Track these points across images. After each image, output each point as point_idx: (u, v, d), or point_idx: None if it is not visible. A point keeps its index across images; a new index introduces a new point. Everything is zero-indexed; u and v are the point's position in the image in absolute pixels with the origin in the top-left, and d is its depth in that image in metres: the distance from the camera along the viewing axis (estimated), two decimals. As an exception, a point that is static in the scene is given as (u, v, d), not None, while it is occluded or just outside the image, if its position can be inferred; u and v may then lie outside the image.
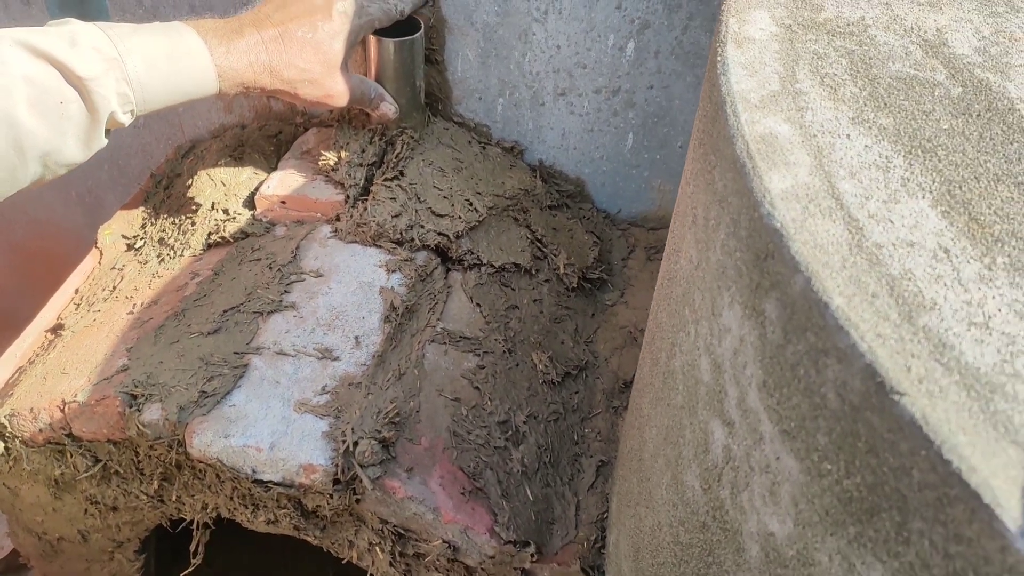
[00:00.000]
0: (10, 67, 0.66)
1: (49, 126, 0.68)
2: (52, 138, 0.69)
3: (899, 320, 0.30)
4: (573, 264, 0.97)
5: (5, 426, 0.80)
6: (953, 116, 0.40)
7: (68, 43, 0.69)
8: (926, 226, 0.34)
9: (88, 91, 0.69)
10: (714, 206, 0.42)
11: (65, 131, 0.70)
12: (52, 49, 0.68)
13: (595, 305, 0.99)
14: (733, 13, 0.48)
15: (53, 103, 0.68)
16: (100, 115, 0.71)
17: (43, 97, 0.67)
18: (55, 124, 0.69)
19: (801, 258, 0.32)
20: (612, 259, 1.04)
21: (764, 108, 0.40)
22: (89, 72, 0.69)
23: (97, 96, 0.70)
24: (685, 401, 0.47)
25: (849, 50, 0.45)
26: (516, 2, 0.93)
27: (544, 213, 1.02)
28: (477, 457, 0.77)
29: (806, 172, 0.36)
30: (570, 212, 1.06)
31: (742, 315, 0.38)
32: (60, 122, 0.69)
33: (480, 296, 0.90)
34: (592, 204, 1.08)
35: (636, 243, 1.07)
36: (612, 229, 1.08)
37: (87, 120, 0.71)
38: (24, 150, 0.68)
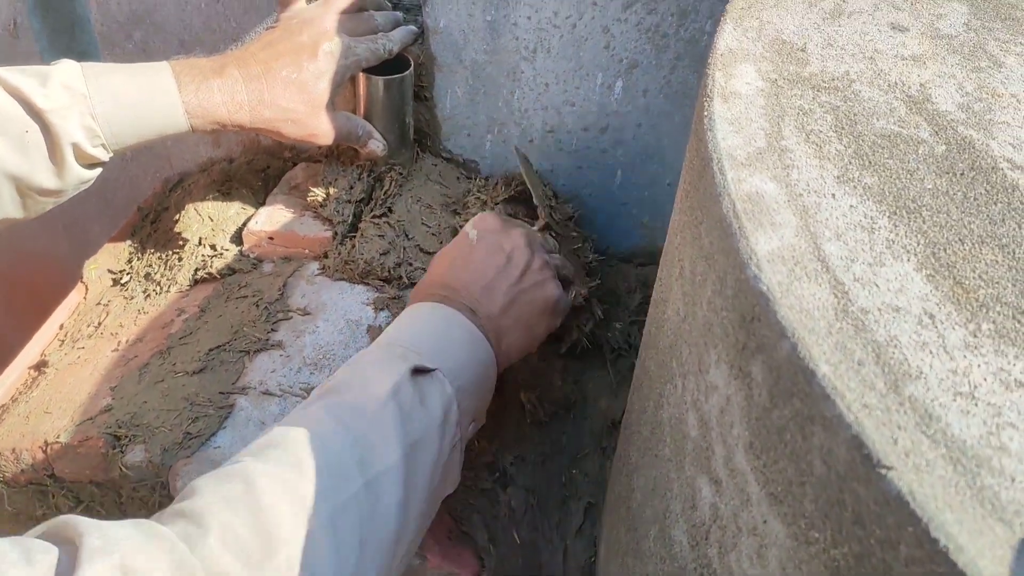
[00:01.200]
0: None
1: (16, 152, 0.73)
2: (20, 163, 0.74)
3: (885, 389, 0.30)
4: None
5: (-14, 467, 0.80)
6: (937, 175, 0.40)
7: (39, 80, 0.74)
8: (911, 290, 0.34)
9: (48, 123, 0.73)
10: (700, 262, 0.42)
11: (33, 158, 0.74)
12: (19, 84, 0.72)
13: (583, 342, 0.99)
14: (720, 67, 0.48)
15: (18, 131, 0.73)
16: (62, 146, 0.75)
17: (8, 126, 0.72)
18: (22, 150, 0.74)
19: (787, 323, 0.32)
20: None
21: (750, 166, 0.40)
22: (49, 105, 0.73)
23: (57, 128, 0.74)
24: (673, 454, 0.47)
25: (834, 106, 0.45)
26: (505, 41, 0.94)
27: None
28: (464, 500, 0.77)
29: (792, 233, 0.37)
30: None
31: (728, 374, 0.38)
32: (27, 149, 0.74)
33: (468, 334, 0.90)
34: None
35: (624, 279, 1.07)
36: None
37: (51, 149, 0.75)
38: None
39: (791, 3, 0.55)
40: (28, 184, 0.76)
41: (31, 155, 0.74)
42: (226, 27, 1.02)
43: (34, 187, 0.76)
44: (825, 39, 0.51)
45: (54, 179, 0.77)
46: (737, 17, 0.53)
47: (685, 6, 0.86)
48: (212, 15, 1.01)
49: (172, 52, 1.06)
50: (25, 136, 0.73)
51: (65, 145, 0.75)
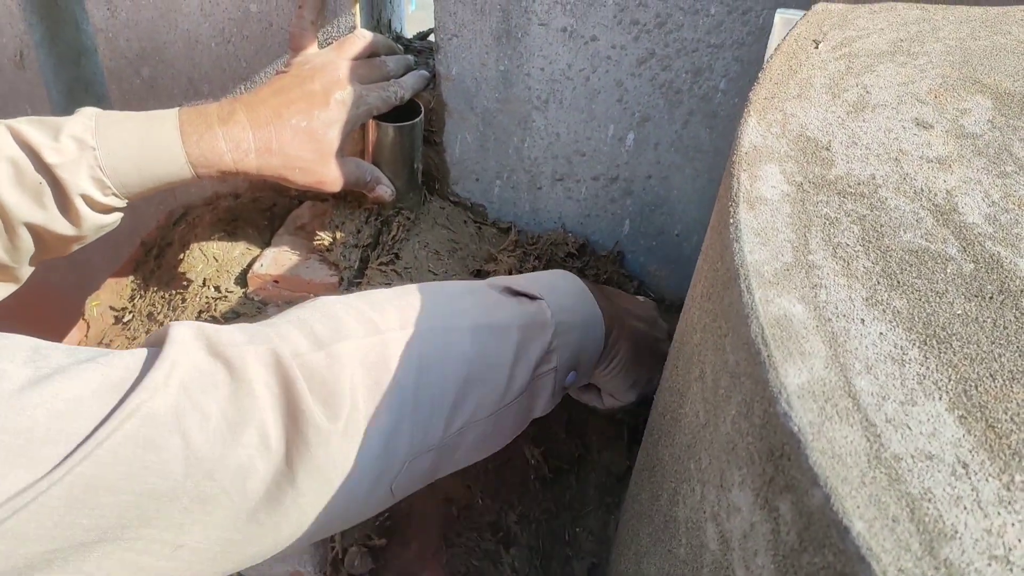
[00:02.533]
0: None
1: (32, 202, 0.75)
2: (36, 212, 0.76)
3: (921, 552, 0.30)
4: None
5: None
6: (966, 299, 0.40)
7: (51, 134, 0.76)
8: (944, 435, 0.34)
9: (56, 177, 0.75)
10: (725, 376, 0.42)
11: (47, 207, 0.76)
12: (31, 138, 0.74)
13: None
14: (744, 167, 0.48)
15: (32, 183, 0.75)
16: (72, 197, 0.77)
17: (22, 177, 0.74)
18: (37, 200, 0.76)
19: (820, 470, 0.32)
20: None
21: (778, 284, 0.40)
22: (57, 160, 0.75)
23: (65, 182, 0.76)
24: (688, 558, 0.47)
25: (861, 215, 0.45)
26: (517, 90, 0.93)
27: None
28: (467, 562, 0.76)
29: (822, 365, 0.36)
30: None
31: (754, 502, 0.37)
32: (41, 199, 0.76)
33: (473, 386, 0.89)
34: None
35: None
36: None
37: (62, 200, 0.77)
38: (7, 218, 0.75)
39: (814, 94, 0.55)
40: (48, 232, 0.78)
41: (46, 206, 0.76)
42: (236, 67, 1.01)
43: (53, 234, 0.78)
44: (850, 136, 0.51)
45: (71, 228, 0.79)
46: (760, 109, 0.53)
47: (699, 64, 0.86)
48: (222, 55, 1.01)
49: (181, 89, 1.05)
50: (38, 187, 0.75)
51: (75, 196, 0.77)
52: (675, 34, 0.85)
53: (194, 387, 0.51)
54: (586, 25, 0.87)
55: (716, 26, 0.83)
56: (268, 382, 0.53)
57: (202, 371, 0.52)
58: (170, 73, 1.04)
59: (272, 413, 0.53)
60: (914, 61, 0.59)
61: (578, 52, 0.89)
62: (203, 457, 0.50)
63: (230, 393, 0.52)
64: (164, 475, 0.48)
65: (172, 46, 1.02)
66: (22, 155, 0.74)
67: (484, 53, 0.92)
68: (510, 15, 0.88)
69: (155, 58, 1.03)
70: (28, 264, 0.81)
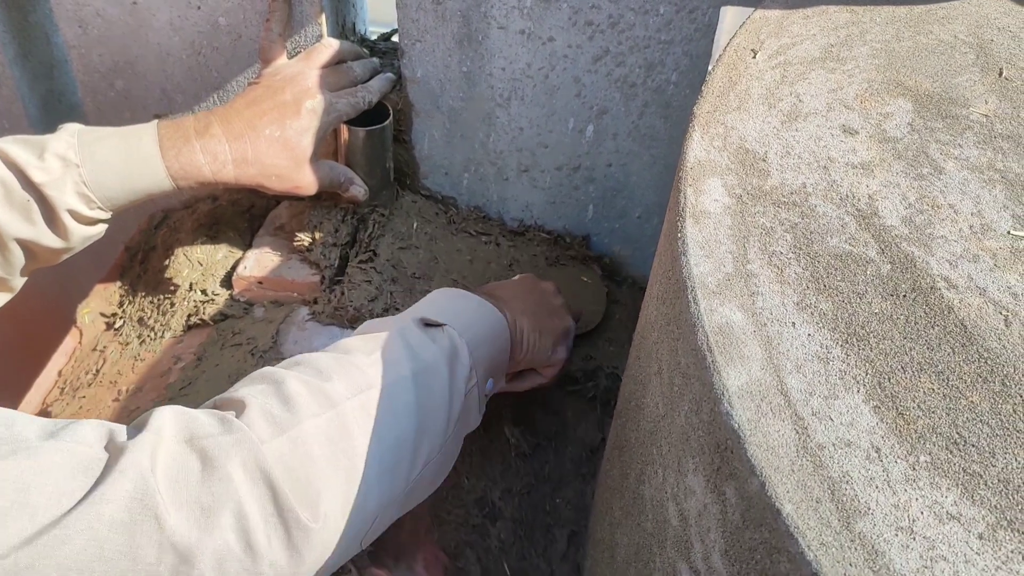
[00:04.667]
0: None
1: (21, 218, 0.80)
2: (25, 228, 0.80)
3: (839, 527, 0.36)
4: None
5: None
6: (883, 298, 0.46)
7: (36, 152, 0.80)
8: (861, 423, 0.40)
9: (44, 195, 0.79)
10: (678, 375, 0.48)
11: (36, 223, 0.81)
12: (16, 157, 0.78)
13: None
14: (690, 182, 0.53)
15: (20, 201, 0.79)
16: (59, 213, 0.81)
17: (11, 196, 0.78)
18: (26, 216, 0.80)
19: (756, 462, 0.38)
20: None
21: (720, 294, 0.46)
22: (43, 179, 0.79)
23: (53, 199, 0.80)
24: (654, 531, 0.53)
25: (793, 223, 0.51)
26: (481, 89, 0.98)
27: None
28: (457, 536, 0.82)
29: (759, 367, 0.42)
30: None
31: (705, 487, 0.44)
32: (30, 216, 0.80)
33: (453, 372, 0.95)
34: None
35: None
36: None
37: (50, 216, 0.81)
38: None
39: (752, 105, 0.60)
40: (37, 245, 0.82)
41: (35, 222, 0.80)
42: (208, 77, 1.05)
43: (43, 248, 0.82)
44: (784, 146, 0.57)
45: (59, 241, 0.83)
46: (704, 123, 0.58)
47: (652, 59, 0.91)
48: (194, 66, 1.04)
49: (155, 100, 1.09)
50: (27, 204, 0.79)
51: (62, 212, 0.81)
52: (627, 32, 0.90)
53: (170, 474, 0.52)
54: (543, 27, 0.91)
55: (666, 24, 0.88)
56: (246, 477, 0.54)
57: (177, 459, 0.53)
58: (143, 85, 1.08)
59: (253, 504, 0.54)
60: (843, 67, 0.65)
61: (536, 52, 0.94)
62: (178, 542, 0.51)
63: (204, 479, 0.53)
64: (136, 559, 0.50)
65: (144, 59, 1.05)
66: (9, 174, 0.78)
67: (447, 56, 0.96)
68: (470, 20, 0.93)
69: (128, 71, 1.07)
70: (20, 275, 0.85)
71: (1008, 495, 0.37)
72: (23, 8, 1.09)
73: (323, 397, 0.60)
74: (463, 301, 0.78)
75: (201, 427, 0.56)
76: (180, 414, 0.56)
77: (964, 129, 0.59)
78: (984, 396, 0.41)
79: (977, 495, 0.37)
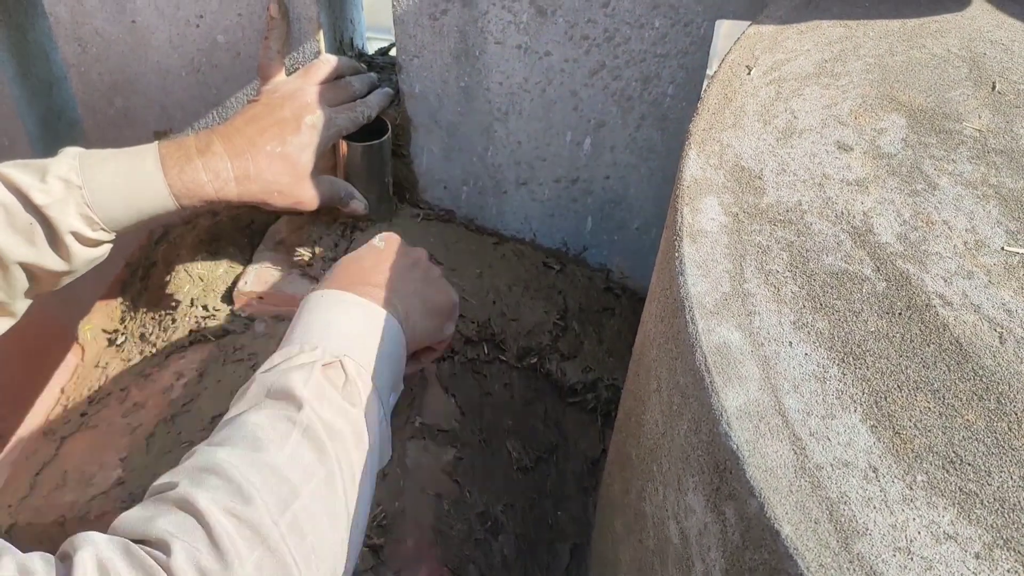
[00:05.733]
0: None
1: (24, 242, 0.80)
2: (28, 251, 0.80)
3: (838, 548, 0.36)
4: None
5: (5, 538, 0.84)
6: (879, 316, 0.47)
7: (38, 176, 0.80)
8: (858, 443, 0.40)
9: (46, 217, 0.79)
10: (677, 395, 0.48)
11: (38, 245, 0.81)
12: (19, 181, 0.78)
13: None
14: (687, 200, 0.54)
15: (23, 224, 0.79)
16: (62, 235, 0.81)
17: (13, 219, 0.79)
18: (29, 239, 0.80)
19: (755, 483, 0.38)
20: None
21: (718, 314, 0.46)
22: (45, 201, 0.79)
23: (56, 221, 0.80)
24: (656, 548, 0.53)
25: (789, 242, 0.51)
26: (479, 104, 0.99)
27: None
28: (460, 552, 0.83)
29: (756, 387, 0.42)
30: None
31: (705, 505, 0.44)
32: (32, 238, 0.80)
33: (455, 386, 0.96)
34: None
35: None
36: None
37: (53, 238, 0.81)
38: (1, 259, 0.79)
39: (747, 122, 0.61)
40: (40, 269, 0.82)
41: (38, 245, 0.80)
42: (207, 94, 1.06)
43: (45, 271, 0.82)
44: (779, 163, 0.57)
45: (62, 263, 0.83)
46: (700, 140, 0.59)
47: (648, 73, 0.92)
48: (193, 83, 1.05)
49: (154, 117, 1.09)
50: (30, 228, 0.79)
51: (65, 234, 0.81)
52: (623, 46, 0.91)
53: None
54: (539, 42, 0.92)
55: (661, 38, 0.89)
56: None
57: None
58: (143, 102, 1.09)
59: None
60: (837, 82, 0.65)
61: (533, 67, 0.94)
62: None
63: None
64: None
65: (144, 77, 1.06)
66: (11, 198, 0.78)
67: (445, 71, 0.97)
68: (467, 35, 0.93)
69: (127, 89, 1.07)
70: (22, 300, 0.85)
71: (1004, 514, 0.37)
72: (22, 26, 1.09)
73: (250, 531, 0.54)
74: (351, 314, 0.71)
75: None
76: (103, 559, 0.50)
77: (958, 144, 0.59)
78: (980, 414, 0.41)
79: (974, 514, 0.37)
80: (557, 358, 1.01)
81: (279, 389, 0.62)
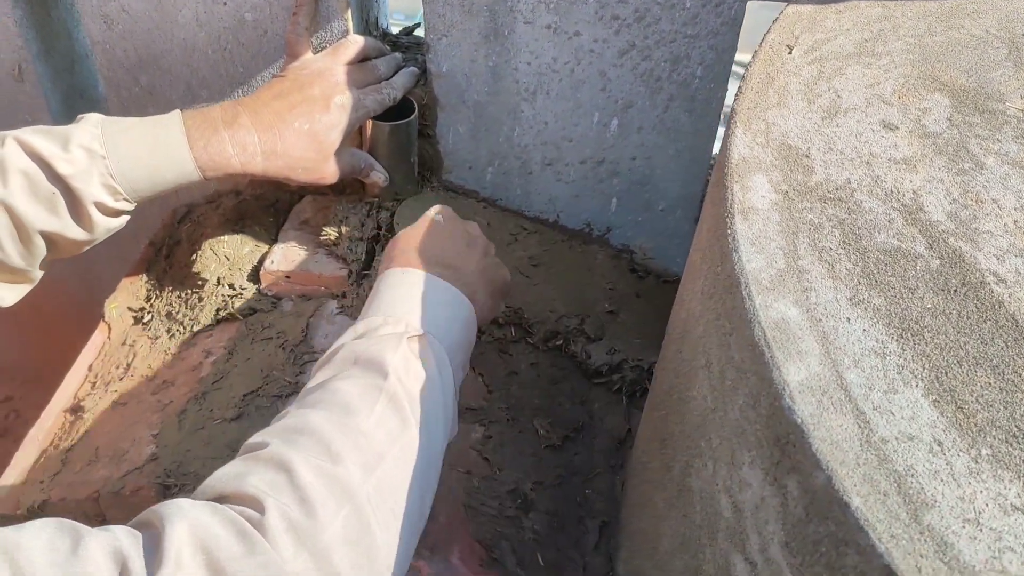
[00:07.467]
0: (11, 161, 0.77)
1: (46, 210, 0.79)
2: (50, 220, 0.80)
3: (908, 520, 0.37)
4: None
5: (38, 515, 0.84)
6: (934, 293, 0.47)
7: (60, 144, 0.79)
8: (922, 417, 0.41)
9: (70, 187, 0.79)
10: (731, 370, 0.48)
11: (61, 215, 0.80)
12: (41, 149, 0.78)
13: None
14: (736, 178, 0.54)
15: (46, 193, 0.79)
16: (84, 205, 0.80)
17: (36, 188, 0.78)
18: (51, 209, 0.79)
19: (822, 456, 0.39)
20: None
21: (774, 290, 0.47)
22: (69, 171, 0.79)
23: (79, 191, 0.80)
24: (704, 522, 0.54)
25: (840, 219, 0.51)
26: (506, 84, 0.99)
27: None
28: (492, 528, 0.83)
29: (817, 362, 0.43)
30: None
31: (763, 479, 0.44)
32: (55, 208, 0.80)
33: (481, 364, 0.96)
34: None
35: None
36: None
37: (75, 208, 0.81)
38: (23, 228, 0.79)
39: (791, 101, 0.61)
40: (61, 238, 0.81)
41: (60, 214, 0.80)
42: (233, 72, 1.05)
43: (67, 240, 0.82)
44: (826, 142, 0.57)
45: (84, 233, 0.83)
46: (745, 120, 0.59)
47: (677, 53, 0.92)
48: (219, 61, 1.05)
49: (179, 95, 1.09)
50: (52, 197, 0.79)
51: (88, 204, 0.80)
52: (654, 27, 0.90)
53: None
54: (569, 21, 0.92)
55: (692, 18, 0.89)
56: None
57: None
58: (168, 80, 1.08)
59: None
60: (878, 61, 0.66)
61: (563, 47, 0.94)
62: None
63: None
64: None
65: (169, 54, 1.06)
66: (34, 166, 0.78)
67: (473, 50, 0.97)
68: (496, 15, 0.93)
69: (153, 66, 1.07)
70: (41, 267, 0.85)
71: (1070, 487, 0.38)
72: (45, 4, 1.09)
73: (339, 488, 0.56)
74: (434, 295, 0.73)
75: (222, 548, 0.50)
76: (196, 526, 0.50)
77: (1002, 124, 0.60)
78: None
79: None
80: (583, 340, 1.01)
81: (367, 358, 0.65)
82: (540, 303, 1.03)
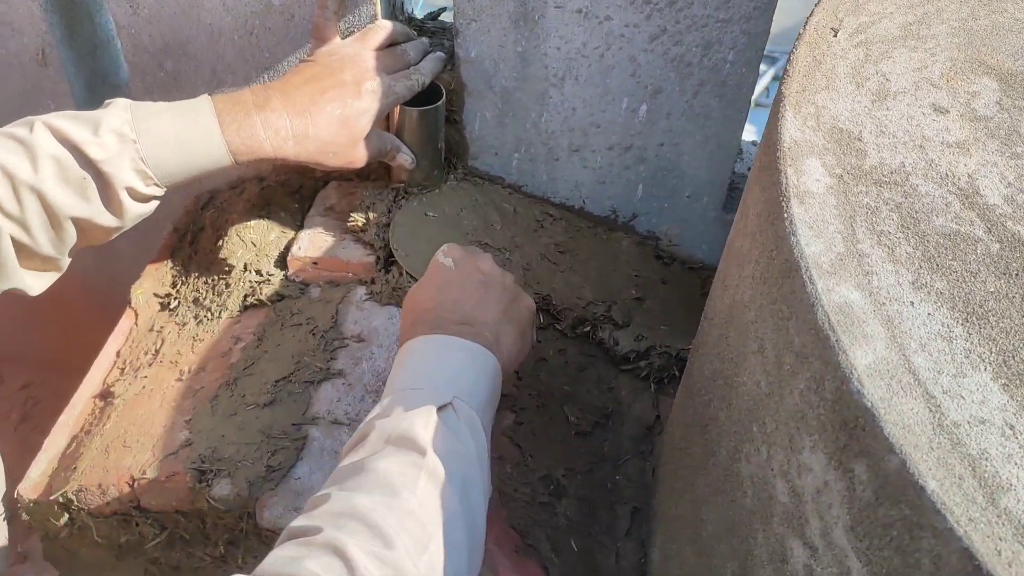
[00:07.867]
0: (41, 147, 0.76)
1: (76, 196, 0.79)
2: (81, 206, 0.79)
3: (984, 503, 0.36)
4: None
5: (72, 500, 0.85)
6: (996, 277, 0.47)
7: (91, 128, 0.79)
8: (992, 401, 0.40)
9: (102, 172, 0.79)
10: (789, 355, 0.48)
11: (92, 201, 0.80)
12: (71, 134, 0.78)
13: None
14: (789, 162, 0.53)
15: (76, 179, 0.78)
16: (116, 190, 0.80)
17: (66, 174, 0.78)
18: (81, 195, 0.79)
19: (895, 440, 0.39)
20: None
21: (835, 274, 0.46)
22: (100, 155, 0.78)
23: (111, 176, 0.79)
24: (756, 507, 0.54)
25: (897, 203, 0.51)
26: (535, 69, 0.98)
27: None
28: (526, 514, 0.83)
29: (883, 346, 0.43)
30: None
31: (827, 463, 0.44)
32: (86, 193, 0.79)
33: (511, 351, 0.96)
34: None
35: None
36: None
37: (106, 194, 0.80)
38: (53, 214, 0.78)
39: (840, 84, 0.61)
40: (91, 224, 0.81)
41: (91, 200, 0.79)
42: (260, 57, 1.05)
43: (97, 226, 0.82)
44: (877, 125, 0.57)
45: (114, 219, 0.82)
46: (795, 103, 0.58)
47: (709, 38, 0.91)
48: (245, 46, 1.04)
49: (204, 81, 1.09)
50: (82, 182, 0.78)
51: (120, 190, 0.80)
52: (685, 11, 0.90)
53: None
54: (600, 6, 0.91)
55: (724, 2, 0.88)
56: None
57: None
58: (193, 65, 1.08)
59: None
60: (924, 45, 0.65)
61: (593, 32, 0.94)
62: None
63: None
64: None
65: (195, 40, 1.05)
66: (64, 152, 0.77)
67: (502, 36, 0.96)
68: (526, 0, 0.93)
69: (178, 52, 1.07)
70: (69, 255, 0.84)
71: None
72: (69, -12, 1.09)
73: (392, 573, 0.57)
74: (457, 358, 0.74)
75: None
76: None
77: (1053, 108, 0.59)
78: (1111, 373, 0.41)
79: (1117, 471, 0.37)
80: (610, 327, 1.01)
81: (400, 436, 0.65)
82: (567, 290, 1.03)
